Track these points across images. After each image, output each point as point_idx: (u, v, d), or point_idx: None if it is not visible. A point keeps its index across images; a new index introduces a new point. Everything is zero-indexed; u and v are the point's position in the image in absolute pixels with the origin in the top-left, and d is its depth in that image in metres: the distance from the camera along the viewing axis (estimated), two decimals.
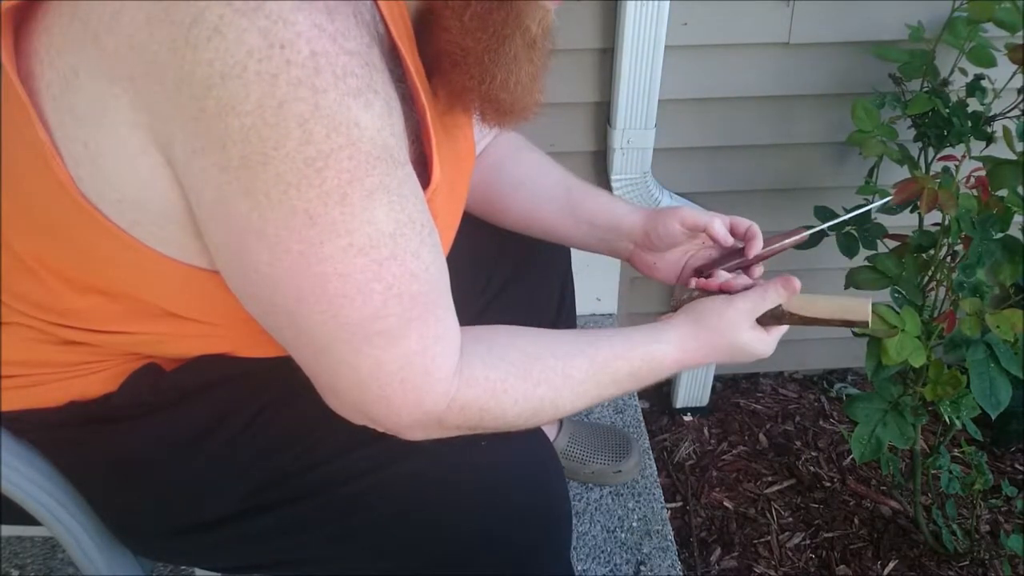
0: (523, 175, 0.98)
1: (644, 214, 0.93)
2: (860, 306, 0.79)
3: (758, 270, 0.89)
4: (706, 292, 0.86)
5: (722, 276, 0.87)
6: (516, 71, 0.63)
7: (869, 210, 1.31)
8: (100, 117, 0.53)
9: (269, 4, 0.48)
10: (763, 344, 0.83)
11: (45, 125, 0.55)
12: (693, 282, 0.90)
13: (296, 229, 0.53)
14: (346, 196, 0.52)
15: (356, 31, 0.51)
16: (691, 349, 0.80)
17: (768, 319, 0.82)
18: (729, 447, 1.67)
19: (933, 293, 1.19)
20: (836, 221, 1.04)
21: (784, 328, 0.84)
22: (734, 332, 0.81)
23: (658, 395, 1.79)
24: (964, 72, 1.25)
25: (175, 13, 0.48)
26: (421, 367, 0.62)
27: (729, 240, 0.88)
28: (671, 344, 0.79)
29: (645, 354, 0.78)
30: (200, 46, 0.48)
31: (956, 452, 1.55)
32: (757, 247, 0.87)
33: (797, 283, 0.81)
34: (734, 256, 0.89)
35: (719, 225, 0.88)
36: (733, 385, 1.82)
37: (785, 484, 1.58)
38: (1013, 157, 1.13)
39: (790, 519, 1.51)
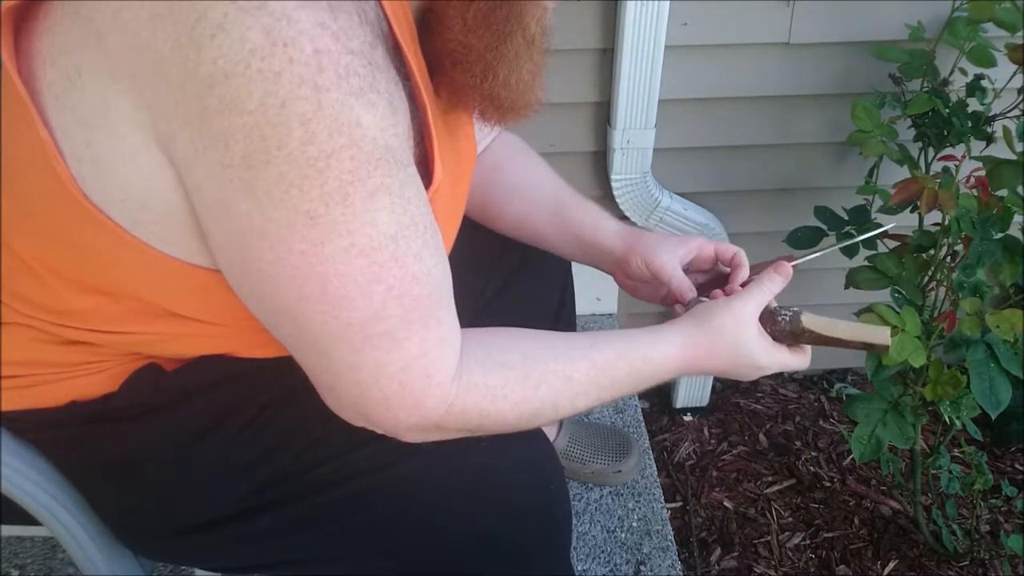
0: (517, 181, 0.98)
1: (624, 240, 0.92)
2: (881, 331, 0.78)
3: None
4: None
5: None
6: (517, 68, 0.63)
7: (868, 210, 1.31)
8: (102, 116, 0.53)
9: (272, 2, 0.48)
10: (769, 356, 0.80)
11: (47, 125, 0.55)
12: (678, 308, 0.89)
13: (297, 229, 0.53)
14: (347, 197, 0.52)
15: (359, 30, 0.51)
16: (692, 347, 0.78)
17: (786, 336, 0.80)
18: (729, 447, 1.67)
19: (933, 293, 1.19)
20: (824, 251, 0.96)
21: (795, 360, 0.82)
22: (739, 328, 0.78)
23: (658, 395, 1.79)
24: (964, 72, 1.25)
25: (178, 11, 0.48)
26: (421, 370, 0.62)
27: (691, 295, 0.87)
28: (673, 345, 0.77)
29: (646, 356, 0.76)
30: (204, 44, 0.48)
31: (956, 452, 1.55)
32: (742, 275, 0.87)
33: (788, 267, 0.82)
34: (719, 283, 0.88)
35: (677, 285, 0.87)
36: (733, 385, 1.82)
37: (785, 484, 1.58)
38: (1013, 157, 1.13)
39: (790, 519, 1.51)
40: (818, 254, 0.96)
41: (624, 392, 0.77)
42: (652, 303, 0.95)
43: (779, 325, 0.80)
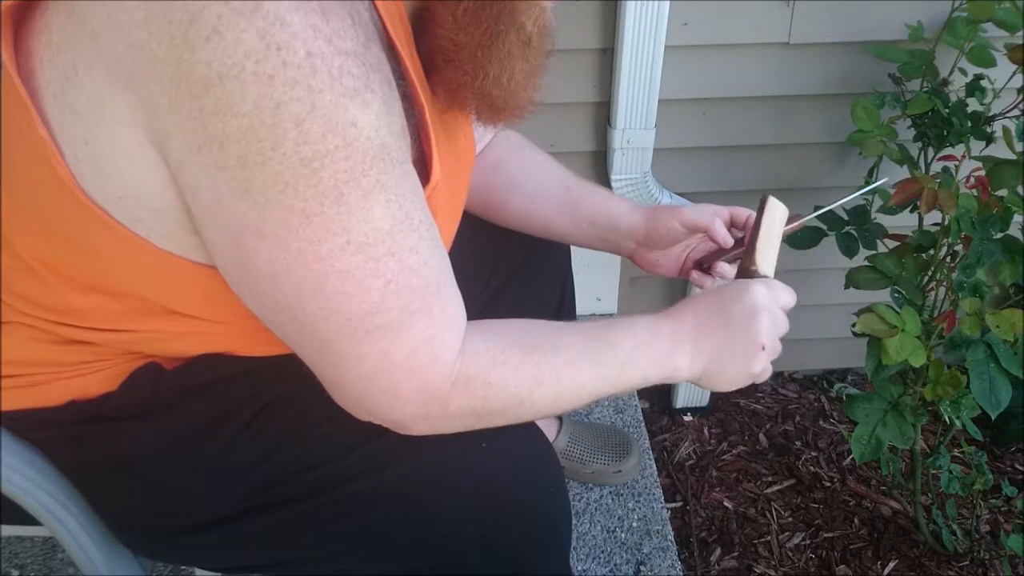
0: (522, 174, 0.98)
1: (644, 213, 0.93)
2: (772, 207, 0.82)
3: None
4: None
5: (722, 267, 0.88)
6: (509, 68, 0.62)
7: (868, 210, 1.31)
8: (99, 115, 0.53)
9: (266, 4, 0.48)
10: (742, 288, 0.76)
11: (46, 123, 0.55)
12: (694, 275, 0.90)
13: (294, 228, 0.53)
14: (343, 196, 0.53)
15: (352, 32, 0.52)
16: (681, 311, 0.76)
17: (748, 272, 0.82)
18: (729, 447, 1.67)
19: (933, 293, 1.19)
20: (831, 207, 1.00)
21: (774, 286, 0.79)
22: (725, 287, 0.78)
23: (658, 395, 1.79)
24: (964, 72, 1.25)
25: (173, 12, 0.48)
26: (428, 354, 0.62)
27: (729, 241, 0.88)
28: (671, 316, 0.76)
29: (635, 319, 0.76)
30: (198, 46, 0.48)
31: (956, 452, 1.55)
32: None
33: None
34: (734, 247, 0.89)
35: (720, 226, 0.87)
36: None
37: (785, 484, 1.58)
38: (1013, 157, 1.13)
39: (790, 519, 1.51)
40: (817, 214, 0.98)
41: (626, 364, 0.73)
42: (670, 277, 0.96)
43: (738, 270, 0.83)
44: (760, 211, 0.82)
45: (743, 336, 0.75)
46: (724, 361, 0.76)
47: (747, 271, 0.82)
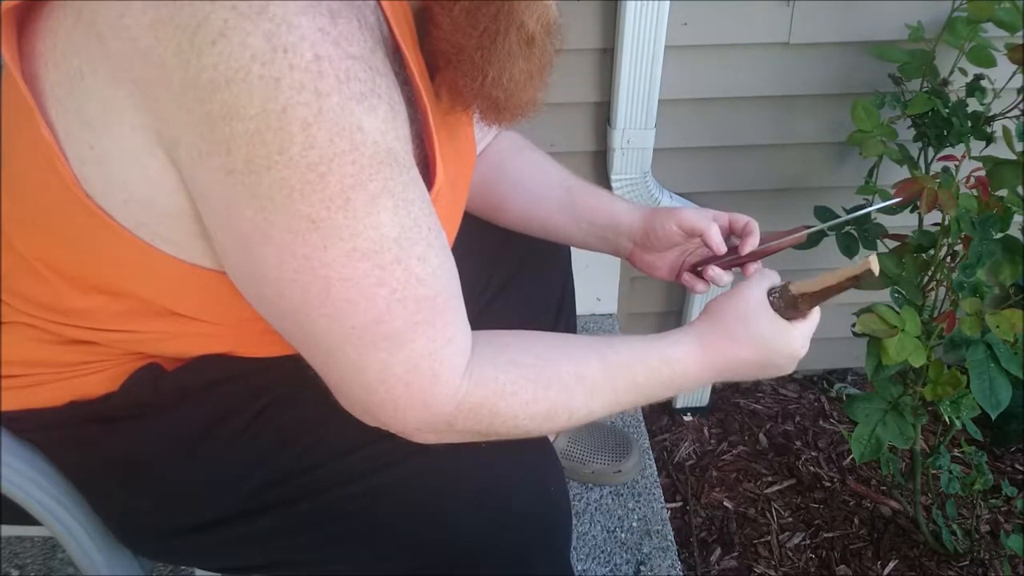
0: (523, 174, 0.98)
1: (643, 214, 0.93)
2: (862, 262, 0.76)
3: (752, 267, 0.89)
4: None
5: (715, 272, 0.87)
6: (510, 68, 0.62)
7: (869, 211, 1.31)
8: (106, 119, 0.53)
9: (273, 7, 0.48)
10: (791, 336, 0.78)
11: (49, 125, 0.55)
12: (685, 277, 0.90)
13: (300, 233, 0.53)
14: (349, 201, 0.52)
15: (359, 35, 0.51)
16: (713, 343, 0.76)
17: (786, 311, 0.79)
18: (729, 447, 1.67)
19: (933, 293, 1.19)
20: (836, 222, 1.04)
21: (811, 324, 0.81)
22: (754, 311, 0.77)
23: None
24: (964, 72, 1.25)
25: (180, 16, 0.48)
26: (428, 370, 0.61)
27: (723, 248, 0.87)
28: (692, 344, 0.76)
29: (664, 356, 0.75)
30: (205, 50, 0.48)
31: (956, 452, 1.55)
32: (752, 243, 0.87)
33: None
34: (730, 253, 0.89)
35: (715, 232, 0.87)
36: (733, 385, 1.82)
37: (785, 484, 1.58)
38: (1013, 157, 1.13)
39: (790, 519, 1.51)
40: (831, 224, 1.00)
41: (648, 397, 0.75)
42: (667, 280, 0.96)
43: (774, 306, 0.79)
44: (855, 267, 0.76)
45: (774, 371, 0.81)
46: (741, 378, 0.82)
47: (795, 304, 0.79)
